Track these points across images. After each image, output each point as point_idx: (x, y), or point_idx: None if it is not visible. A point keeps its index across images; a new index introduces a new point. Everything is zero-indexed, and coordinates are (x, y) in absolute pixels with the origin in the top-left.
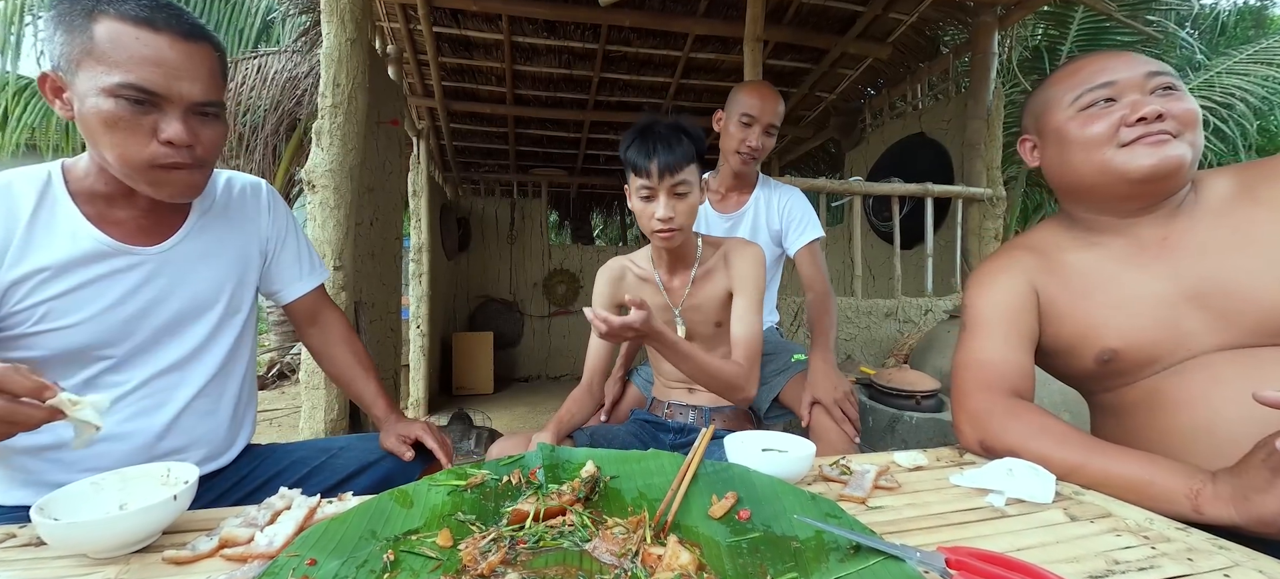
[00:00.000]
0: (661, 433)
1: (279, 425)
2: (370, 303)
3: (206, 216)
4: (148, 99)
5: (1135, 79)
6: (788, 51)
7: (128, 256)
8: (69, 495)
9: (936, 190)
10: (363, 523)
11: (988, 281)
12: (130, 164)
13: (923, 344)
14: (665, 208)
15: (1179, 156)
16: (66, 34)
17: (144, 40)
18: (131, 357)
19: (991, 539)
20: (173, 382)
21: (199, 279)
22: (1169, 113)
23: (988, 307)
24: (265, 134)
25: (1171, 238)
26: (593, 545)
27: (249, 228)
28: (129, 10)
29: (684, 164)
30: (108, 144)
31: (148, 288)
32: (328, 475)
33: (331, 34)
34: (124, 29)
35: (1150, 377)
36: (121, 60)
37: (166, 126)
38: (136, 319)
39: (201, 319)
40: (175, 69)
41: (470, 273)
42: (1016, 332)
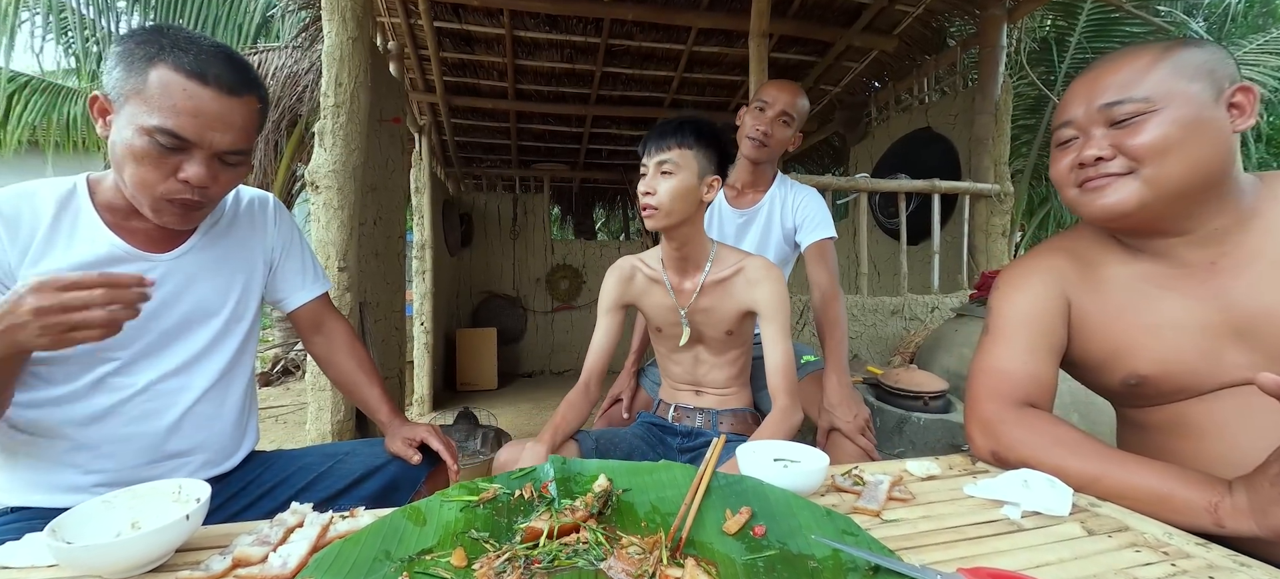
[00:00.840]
0: (669, 436)
1: (284, 423)
2: (374, 302)
3: (215, 228)
4: (178, 144)
5: (1091, 112)
6: (792, 44)
7: (141, 262)
8: (80, 515)
9: (943, 186)
10: (376, 543)
11: (1017, 284)
12: (142, 190)
13: (930, 342)
14: (646, 183)
15: (1119, 202)
16: (125, 71)
17: (190, 92)
18: (138, 359)
19: (1008, 554)
20: (177, 385)
21: (206, 287)
22: (1121, 148)
23: (1013, 311)
24: (267, 131)
25: (1221, 262)
26: (608, 565)
27: (255, 240)
28: (186, 62)
29: (673, 145)
30: (129, 172)
31: (157, 292)
32: (334, 481)
33: (333, 33)
34: (175, 79)
35: (1179, 401)
36: (164, 106)
37: (189, 168)
38: (145, 322)
39: (206, 325)
40: (211, 120)
41: (473, 269)
42: (1042, 341)
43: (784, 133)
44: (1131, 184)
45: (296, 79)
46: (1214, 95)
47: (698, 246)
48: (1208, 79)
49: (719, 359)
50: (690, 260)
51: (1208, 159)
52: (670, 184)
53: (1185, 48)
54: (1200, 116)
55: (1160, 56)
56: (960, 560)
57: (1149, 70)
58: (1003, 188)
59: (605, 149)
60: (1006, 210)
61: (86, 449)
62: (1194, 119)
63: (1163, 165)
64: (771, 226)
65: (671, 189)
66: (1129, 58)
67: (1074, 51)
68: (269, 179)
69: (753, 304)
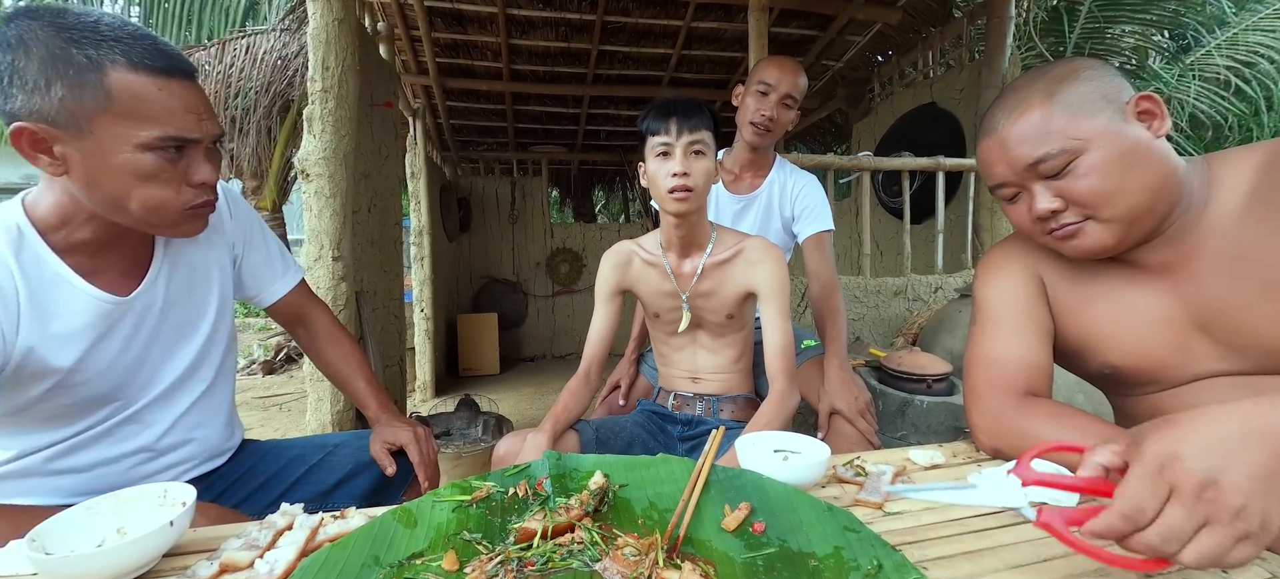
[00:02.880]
0: (669, 424)
1: (288, 411)
2: (372, 291)
3: (172, 240)
4: (182, 146)
5: (1020, 172)
6: (793, 18)
7: (123, 305)
8: (63, 523)
9: (949, 164)
10: (365, 547)
11: (997, 270)
12: (159, 212)
13: (933, 323)
14: (681, 162)
15: (1094, 246)
16: (70, 89)
17: (168, 90)
18: (138, 393)
19: (1014, 547)
20: (169, 400)
21: (182, 307)
22: (1068, 198)
23: (997, 298)
24: (258, 117)
25: (1176, 262)
26: (603, 566)
27: (215, 237)
28: (141, 60)
29: (702, 126)
30: (139, 196)
31: (141, 331)
32: (325, 474)
33: (318, 14)
34: (144, 82)
35: (1155, 392)
36: (153, 114)
37: (196, 170)
38: (137, 362)
39: (190, 342)
40: (200, 111)
41: (472, 254)
42: (1029, 325)
43: (787, 116)
44: (1096, 229)
45: (287, 63)
46: (1121, 116)
47: (702, 229)
48: (1105, 103)
49: (717, 344)
50: (694, 243)
51: (1150, 178)
52: (703, 165)
53: (1065, 84)
54: (1121, 145)
55: (1048, 102)
56: (965, 554)
57: (1048, 120)
58: None
59: (603, 130)
60: None
61: (75, 473)
62: (1117, 151)
63: (1114, 204)
64: (771, 214)
65: (704, 170)
66: (1020, 111)
67: (1085, 20)
68: (264, 167)
69: (752, 284)
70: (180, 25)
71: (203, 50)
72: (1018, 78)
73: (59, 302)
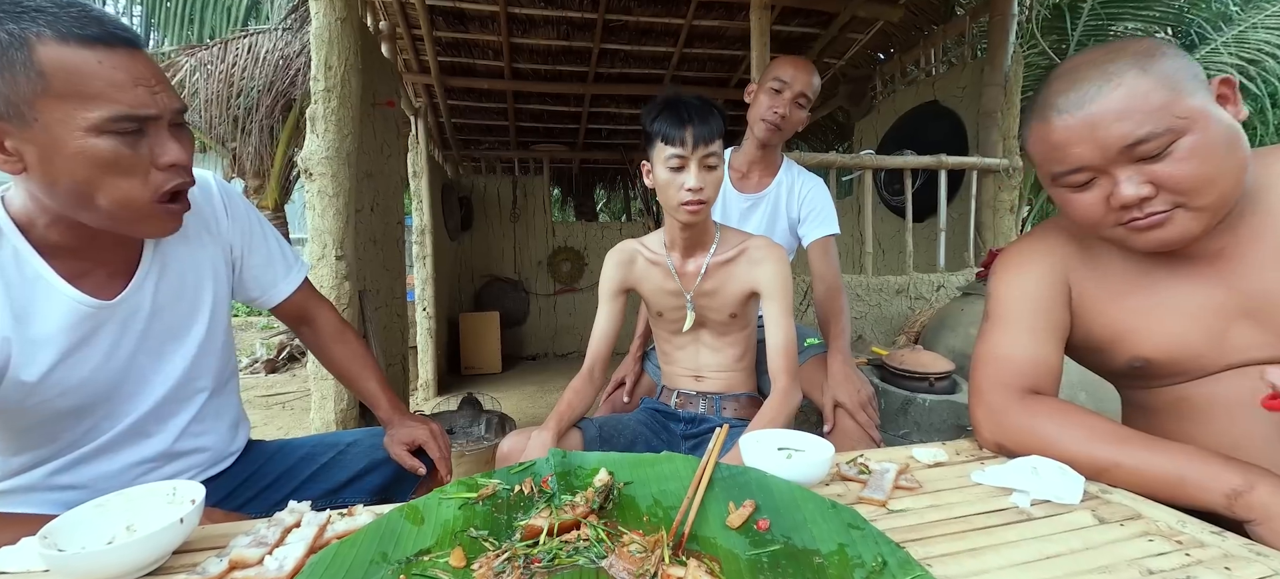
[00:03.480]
0: (672, 422)
1: (292, 409)
2: (375, 289)
3: (162, 240)
4: (138, 125)
5: (1109, 155)
6: (795, 16)
7: (106, 310)
8: (74, 521)
9: (950, 162)
10: (373, 545)
11: (1017, 266)
12: (133, 207)
13: (935, 322)
14: (696, 178)
15: (1178, 237)
16: (0, 74)
17: (109, 61)
18: (126, 403)
19: (1018, 545)
20: (168, 411)
21: (171, 312)
22: (1160, 184)
23: (1013, 295)
24: (260, 117)
25: (1228, 249)
26: (609, 563)
27: (208, 235)
28: (70, 29)
29: (716, 136)
30: (105, 190)
31: (126, 338)
32: (337, 472)
33: (320, 14)
34: (79, 53)
35: (1181, 383)
36: (97, 90)
37: (163, 150)
38: (123, 371)
39: (181, 349)
40: (150, 83)
41: (474, 252)
42: (1043, 324)
43: (799, 115)
44: (1184, 218)
45: (289, 62)
46: (1210, 97)
47: (707, 229)
48: (1197, 82)
49: (721, 342)
50: (699, 244)
51: (1240, 164)
52: (715, 177)
53: (1156, 60)
54: (1219, 128)
55: (1146, 77)
56: (969, 551)
57: (1148, 97)
58: (1012, 162)
59: (605, 128)
60: (1015, 186)
61: (78, 489)
62: (1217, 134)
63: (1209, 191)
64: (778, 215)
65: (716, 181)
66: (1113, 86)
67: (1088, 17)
68: (266, 167)
69: (756, 284)
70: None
71: (205, 50)
72: (1080, 57)
73: (37, 302)
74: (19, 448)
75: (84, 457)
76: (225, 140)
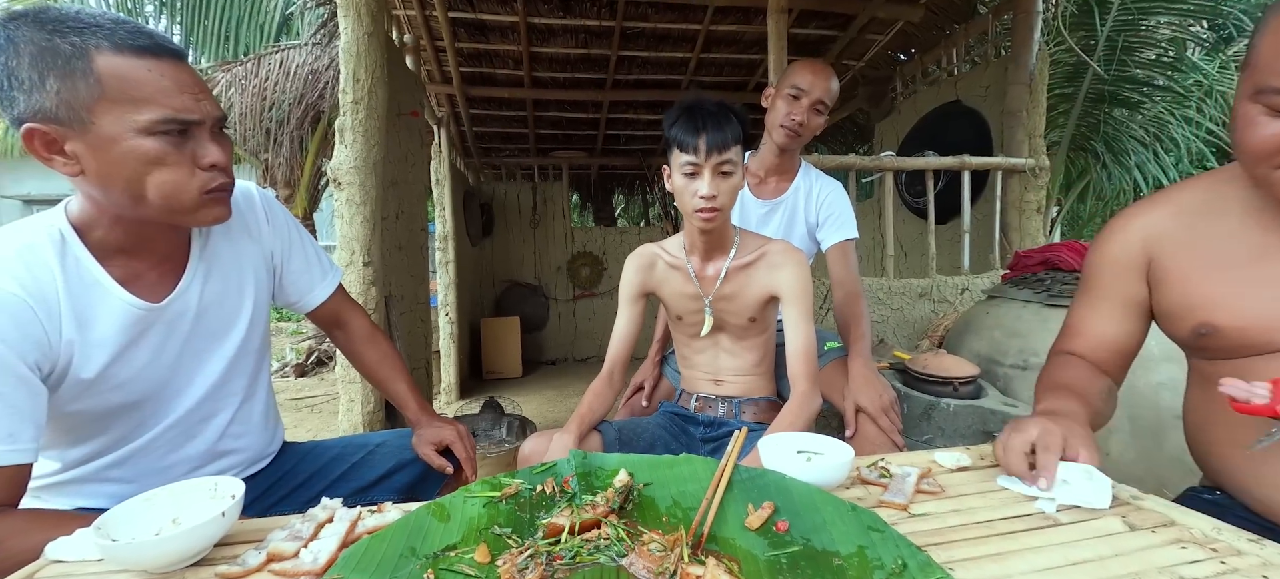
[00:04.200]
0: (692, 426)
1: (320, 412)
2: (400, 295)
3: (207, 245)
4: (183, 128)
5: None
6: (813, 19)
7: (155, 312)
8: (124, 513)
9: (974, 162)
10: (402, 540)
11: (1106, 236)
12: (178, 201)
13: (959, 326)
14: (709, 185)
15: None
16: (62, 80)
17: (158, 70)
18: (172, 401)
19: (1043, 550)
20: (209, 410)
21: (215, 314)
22: None
23: (1091, 265)
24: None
25: None
26: (629, 561)
27: (250, 242)
28: (124, 40)
29: (731, 144)
30: (154, 185)
31: (173, 338)
32: (366, 472)
33: (349, 29)
34: (132, 63)
35: (1246, 357)
36: (147, 95)
37: (204, 152)
38: (170, 369)
39: (223, 349)
40: (194, 91)
41: (495, 258)
42: (1115, 296)
43: (817, 121)
44: None
45: (318, 76)
46: None
47: (726, 234)
48: None
49: (739, 347)
50: (717, 248)
51: None
52: (730, 184)
53: None
54: None
55: None
56: (992, 556)
57: None
58: (1038, 162)
59: (623, 134)
60: (1042, 185)
61: (127, 483)
62: None
63: None
64: (795, 220)
65: (731, 189)
66: None
67: (1118, 12)
68: (296, 177)
69: (775, 288)
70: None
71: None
72: None
73: (95, 306)
74: (75, 441)
75: (133, 452)
76: (258, 152)
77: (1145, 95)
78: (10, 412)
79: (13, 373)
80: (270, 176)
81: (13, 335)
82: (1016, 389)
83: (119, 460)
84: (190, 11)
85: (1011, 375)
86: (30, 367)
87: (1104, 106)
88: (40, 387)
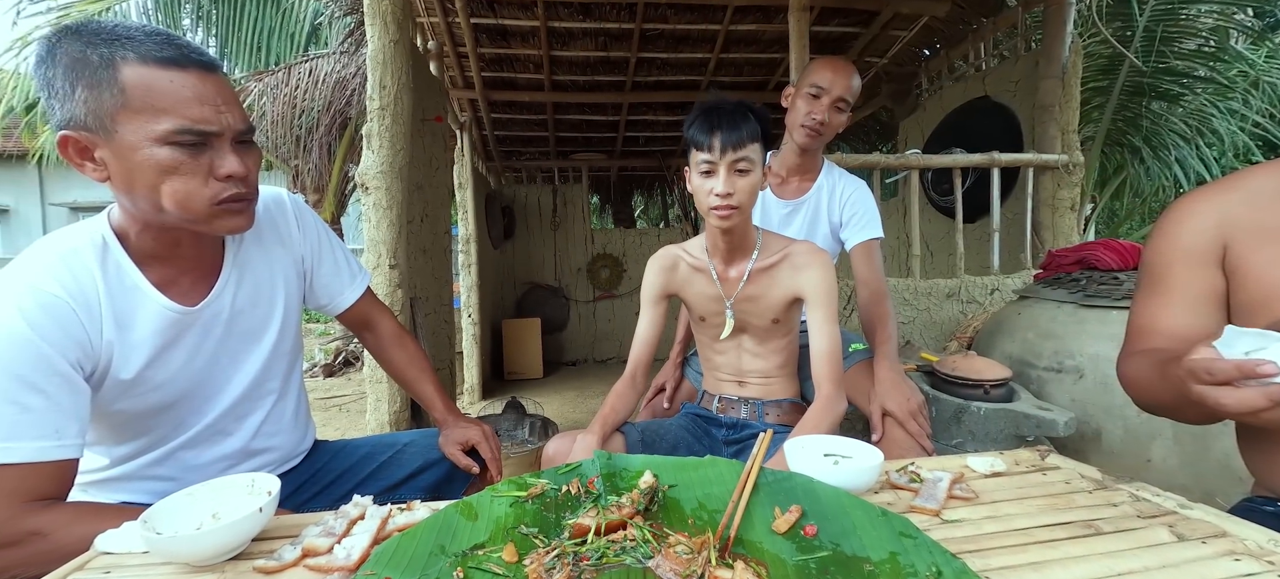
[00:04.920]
0: (714, 428)
1: (347, 411)
2: (424, 297)
3: (241, 250)
4: (200, 139)
5: None
6: (834, 16)
7: (190, 315)
8: (167, 507)
9: (1004, 160)
10: (432, 538)
11: (1172, 224)
12: (192, 210)
13: (990, 327)
14: (724, 183)
15: None
16: (89, 89)
17: (179, 81)
18: (207, 402)
19: (1086, 560)
20: (244, 410)
21: (248, 317)
22: None
23: (1159, 257)
24: (319, 135)
25: None
26: (655, 563)
27: (282, 246)
28: (150, 52)
29: (747, 141)
30: (167, 193)
31: (208, 341)
32: (394, 470)
33: (376, 37)
34: (155, 73)
35: None
36: (166, 106)
37: (222, 162)
38: (205, 371)
39: (256, 352)
40: (216, 102)
41: (516, 260)
42: (1189, 288)
43: (839, 119)
44: None
45: (345, 83)
46: None
47: (748, 236)
48: None
49: (763, 348)
50: (739, 249)
51: None
52: (747, 182)
53: None
54: None
55: None
56: (1031, 565)
57: None
58: (1072, 158)
59: (642, 136)
60: (1075, 182)
61: (169, 480)
62: None
63: None
64: (818, 220)
65: (748, 187)
66: None
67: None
68: (324, 181)
69: (799, 289)
70: (252, 52)
71: (271, 75)
72: None
73: (134, 309)
74: (119, 439)
75: (173, 450)
76: (288, 158)
77: (1186, 87)
78: (56, 410)
79: (57, 372)
80: (299, 182)
81: (57, 336)
82: (1050, 393)
83: (160, 458)
84: (225, 24)
85: (1045, 379)
86: (73, 365)
87: (1141, 100)
88: (83, 385)
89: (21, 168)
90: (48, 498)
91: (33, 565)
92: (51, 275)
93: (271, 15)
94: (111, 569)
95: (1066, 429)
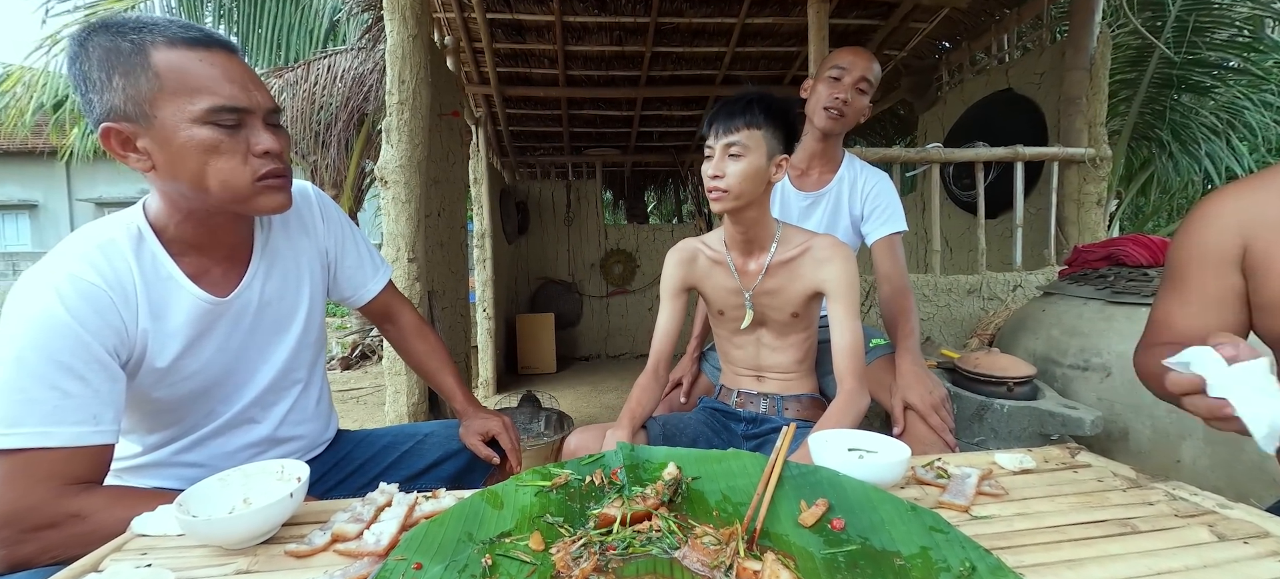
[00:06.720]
0: (733, 422)
1: (365, 404)
2: (441, 291)
3: (268, 241)
4: (235, 117)
5: None
6: (852, 7)
7: (221, 305)
8: (201, 492)
9: (1028, 153)
10: (459, 525)
11: (1195, 223)
12: (235, 188)
13: (1012, 323)
14: (715, 166)
15: None
16: (125, 77)
17: (209, 60)
18: (236, 391)
19: (1123, 559)
20: (271, 399)
21: (276, 308)
22: None
23: (1180, 255)
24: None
25: None
26: (682, 554)
27: (306, 239)
28: (178, 34)
29: (741, 125)
30: (212, 173)
31: (237, 331)
32: (416, 460)
33: (394, 32)
34: (184, 55)
35: None
36: (199, 85)
37: (257, 139)
38: (235, 361)
39: (283, 342)
40: (245, 82)
41: (530, 255)
42: (1207, 288)
43: (861, 102)
44: None
45: (362, 79)
46: None
47: (763, 228)
48: None
49: (782, 342)
50: (755, 242)
51: None
52: (739, 167)
53: None
54: None
55: None
56: (1065, 562)
57: None
58: (1098, 152)
59: (656, 132)
60: (1102, 177)
61: (199, 467)
62: None
63: None
64: (840, 212)
65: (740, 171)
66: None
67: None
68: (341, 176)
69: (820, 284)
70: (272, 49)
71: (290, 71)
72: None
73: (169, 299)
74: (151, 427)
75: (203, 438)
76: (306, 154)
77: (1218, 79)
78: (93, 395)
79: (95, 359)
80: (318, 177)
81: (94, 323)
82: (1076, 391)
83: (191, 445)
84: (245, 21)
85: (1070, 376)
86: (110, 352)
87: (1171, 92)
88: (119, 372)
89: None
90: (86, 482)
91: (72, 547)
92: (89, 264)
93: (291, 11)
94: (148, 551)
95: (1093, 428)
